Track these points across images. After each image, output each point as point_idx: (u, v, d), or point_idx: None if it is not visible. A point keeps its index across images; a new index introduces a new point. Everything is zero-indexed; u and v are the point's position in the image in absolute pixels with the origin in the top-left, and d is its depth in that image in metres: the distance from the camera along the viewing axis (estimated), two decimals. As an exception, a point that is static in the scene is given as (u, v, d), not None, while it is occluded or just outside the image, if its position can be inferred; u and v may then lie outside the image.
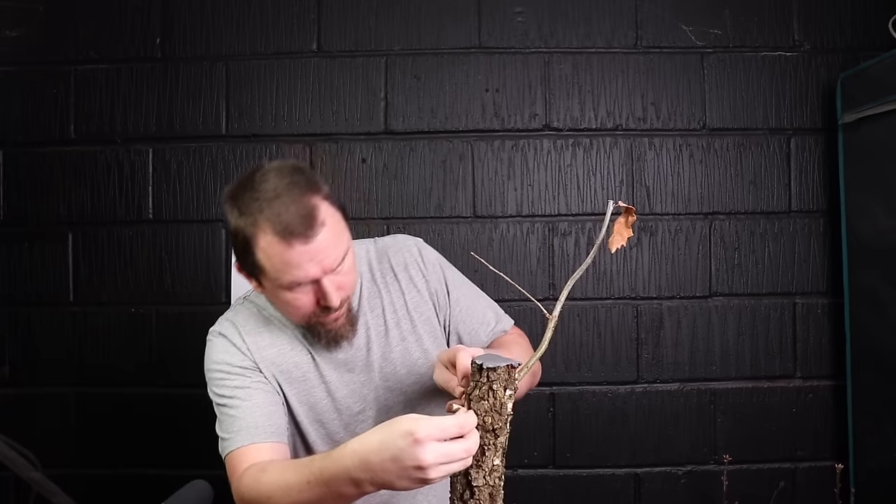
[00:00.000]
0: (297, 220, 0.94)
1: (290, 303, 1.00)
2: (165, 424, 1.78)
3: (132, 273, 1.79)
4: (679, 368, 1.79)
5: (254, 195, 0.97)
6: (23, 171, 1.81)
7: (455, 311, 1.19)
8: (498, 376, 0.71)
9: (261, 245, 0.96)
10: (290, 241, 0.94)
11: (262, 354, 1.09)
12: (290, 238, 0.94)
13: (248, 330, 1.10)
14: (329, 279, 0.98)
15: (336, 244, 0.99)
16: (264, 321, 1.12)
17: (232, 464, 1.01)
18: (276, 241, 0.94)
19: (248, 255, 0.99)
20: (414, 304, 1.17)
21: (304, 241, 0.94)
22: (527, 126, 1.81)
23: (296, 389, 1.10)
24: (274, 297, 1.03)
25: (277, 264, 0.96)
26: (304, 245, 0.94)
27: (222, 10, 1.81)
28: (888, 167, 1.55)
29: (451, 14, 1.81)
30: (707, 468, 1.78)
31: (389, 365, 1.13)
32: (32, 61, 1.81)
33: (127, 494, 1.77)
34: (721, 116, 1.81)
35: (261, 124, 1.80)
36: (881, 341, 1.58)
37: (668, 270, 1.80)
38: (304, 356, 1.11)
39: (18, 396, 1.79)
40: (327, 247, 0.97)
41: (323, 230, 0.96)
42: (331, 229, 0.98)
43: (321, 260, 0.96)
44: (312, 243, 0.95)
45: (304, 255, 0.95)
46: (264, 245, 0.96)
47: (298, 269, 0.96)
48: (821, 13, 1.82)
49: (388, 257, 1.19)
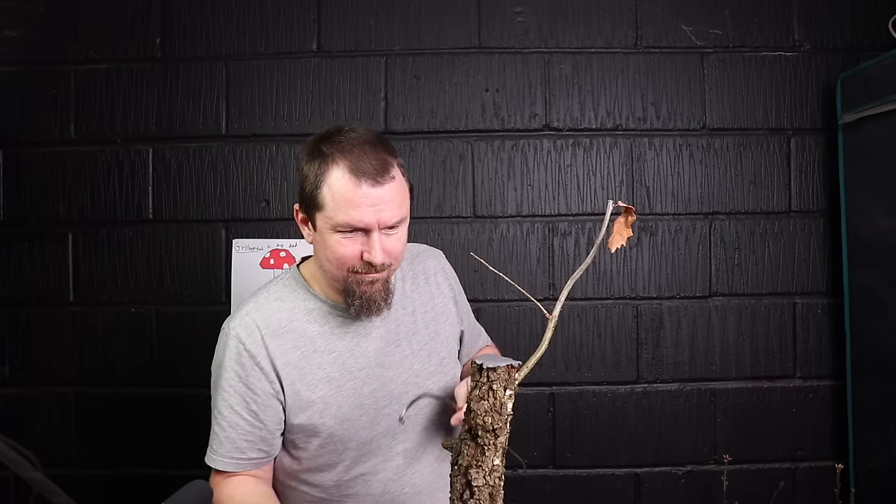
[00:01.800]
0: (371, 165, 0.99)
1: (336, 248, 1.02)
2: (165, 424, 1.78)
3: (132, 273, 1.79)
4: (679, 368, 1.79)
5: (337, 140, 1.03)
6: (23, 171, 1.81)
7: (465, 318, 1.28)
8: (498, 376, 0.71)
9: (331, 178, 1.00)
10: (359, 180, 0.98)
11: (283, 360, 1.07)
12: (360, 176, 0.98)
13: (271, 331, 1.08)
14: (379, 235, 1.01)
15: (399, 204, 1.03)
16: (290, 312, 1.10)
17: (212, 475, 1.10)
18: (346, 176, 0.99)
19: (315, 190, 1.01)
20: (442, 307, 1.22)
21: (371, 184, 0.99)
22: (527, 126, 1.81)
23: (320, 391, 1.08)
24: (322, 241, 1.04)
25: (340, 200, 0.99)
26: (371, 188, 0.99)
27: (222, 10, 1.81)
28: (888, 167, 1.55)
29: (451, 14, 1.81)
30: (707, 468, 1.78)
31: (419, 362, 1.15)
32: (32, 61, 1.81)
33: (127, 494, 1.77)
34: (721, 116, 1.81)
35: (261, 124, 1.80)
36: (881, 341, 1.58)
37: (668, 270, 1.80)
38: (328, 356, 1.09)
39: (18, 396, 1.79)
40: (391, 200, 1.01)
41: (391, 183, 1.01)
42: (398, 188, 1.03)
43: (380, 210, 1.00)
44: (378, 189, 0.99)
45: (367, 197, 0.99)
46: (334, 179, 1.00)
47: (357, 209, 0.99)
48: (821, 13, 1.82)
49: (420, 262, 1.24)
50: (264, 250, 1.77)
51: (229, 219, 1.80)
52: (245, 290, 1.77)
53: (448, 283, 1.25)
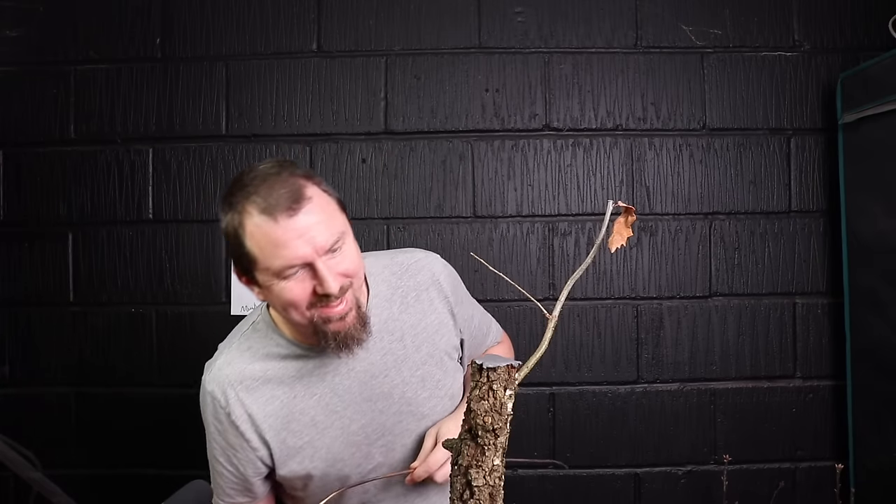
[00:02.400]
0: (281, 196, 0.91)
1: (286, 295, 0.93)
2: (165, 424, 1.78)
3: (132, 273, 1.79)
4: (679, 368, 1.79)
5: (240, 187, 0.94)
6: (23, 171, 1.81)
7: (465, 327, 1.18)
8: (498, 376, 0.71)
9: (248, 231, 0.92)
10: (275, 217, 0.90)
11: (263, 412, 1.03)
12: (274, 213, 0.90)
13: (245, 386, 1.03)
14: (324, 261, 0.92)
15: (328, 223, 0.94)
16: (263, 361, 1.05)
17: None
18: (261, 220, 0.90)
19: (240, 248, 0.94)
20: (436, 325, 1.12)
21: (289, 215, 0.90)
22: (527, 126, 1.81)
23: (306, 437, 1.04)
24: (272, 295, 0.96)
25: (266, 247, 0.91)
26: (290, 219, 0.90)
27: (222, 10, 1.81)
28: (888, 167, 1.55)
29: (451, 14, 1.81)
30: (707, 468, 1.78)
31: (411, 389, 1.09)
32: (32, 61, 1.81)
33: (127, 494, 1.77)
34: (721, 116, 1.81)
35: (261, 124, 1.80)
36: (881, 341, 1.58)
37: (668, 270, 1.80)
38: (309, 400, 1.04)
39: (18, 396, 1.79)
40: (316, 223, 0.92)
41: (310, 205, 0.92)
42: (319, 206, 0.94)
43: (311, 237, 0.91)
44: (299, 217, 0.91)
45: (290, 231, 0.90)
46: (251, 229, 0.92)
47: (287, 247, 0.90)
48: (821, 13, 1.82)
49: (410, 276, 1.13)
50: (264, 250, 1.77)
51: (229, 219, 1.80)
52: (245, 290, 1.76)
53: (442, 295, 1.13)
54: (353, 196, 1.79)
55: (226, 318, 1.77)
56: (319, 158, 1.80)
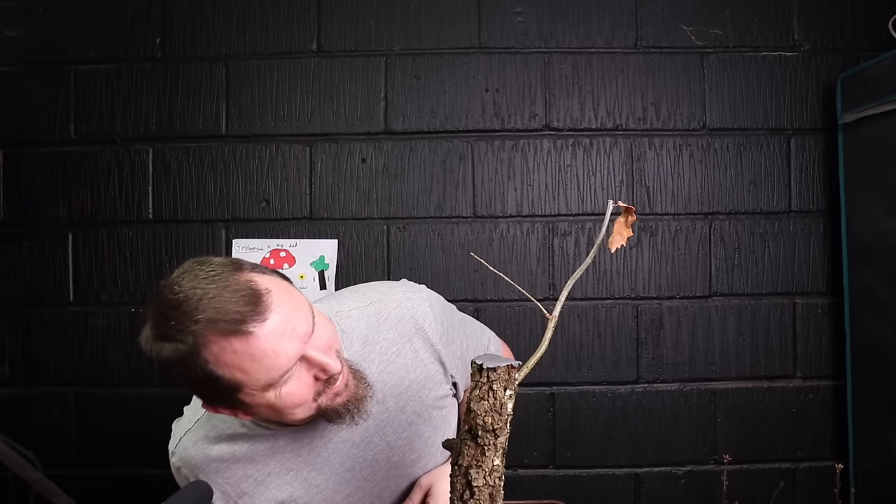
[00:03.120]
0: (239, 305, 0.77)
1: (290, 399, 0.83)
2: (165, 424, 1.77)
3: (132, 273, 1.79)
4: (679, 368, 1.79)
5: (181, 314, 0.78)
6: (23, 171, 1.81)
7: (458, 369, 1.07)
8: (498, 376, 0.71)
9: (217, 359, 0.78)
10: (247, 331, 0.77)
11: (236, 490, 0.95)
12: (243, 328, 0.77)
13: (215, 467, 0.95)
14: (313, 347, 0.83)
15: (297, 306, 0.83)
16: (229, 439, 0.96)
17: None
18: (231, 342, 0.77)
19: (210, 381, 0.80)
20: (422, 380, 1.00)
21: (261, 321, 0.78)
22: (527, 126, 1.81)
23: None
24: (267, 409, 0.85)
25: (250, 366, 0.79)
26: (264, 324, 0.78)
27: (222, 10, 1.81)
28: (888, 167, 1.55)
29: (451, 14, 1.81)
30: (707, 468, 1.78)
31: (398, 453, 1.00)
32: (32, 61, 1.81)
33: (127, 494, 1.77)
34: (721, 116, 1.81)
35: (261, 124, 1.80)
36: (881, 341, 1.58)
37: (668, 270, 1.80)
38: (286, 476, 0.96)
39: (18, 396, 1.79)
40: (289, 313, 0.81)
41: (271, 297, 0.80)
42: (280, 294, 0.82)
43: (293, 330, 0.81)
44: (271, 318, 0.79)
45: (272, 336, 0.79)
46: (222, 356, 0.78)
47: (275, 355, 0.79)
48: (821, 13, 1.82)
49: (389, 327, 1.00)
50: (264, 250, 1.78)
51: (229, 219, 1.80)
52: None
53: (428, 344, 1.01)
54: (353, 196, 1.79)
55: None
56: (319, 158, 1.80)
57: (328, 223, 1.79)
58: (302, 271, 1.77)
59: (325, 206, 1.79)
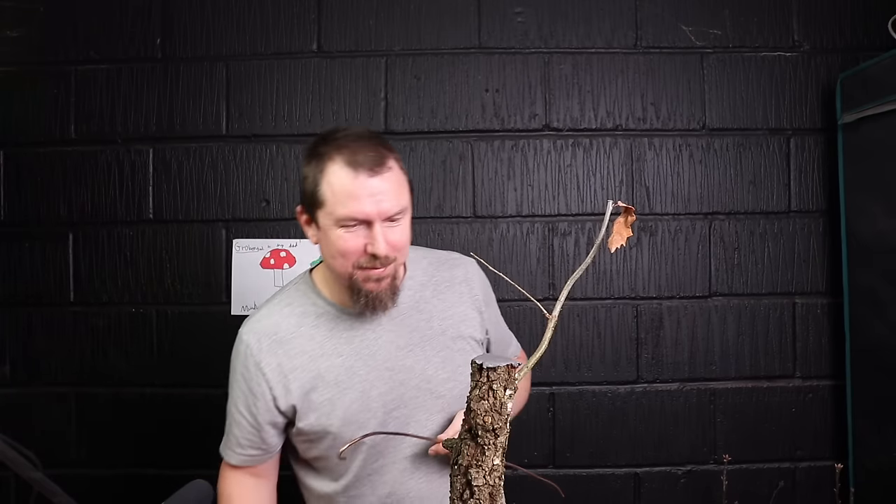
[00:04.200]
0: (367, 157, 1.01)
1: (339, 243, 1.03)
2: (165, 424, 1.78)
3: (132, 273, 1.79)
4: (679, 368, 1.79)
5: (333, 138, 1.05)
6: (23, 171, 1.81)
7: (492, 327, 1.26)
8: (498, 376, 0.71)
9: (329, 174, 1.02)
10: (356, 171, 1.00)
11: (290, 364, 1.10)
12: (357, 168, 1.00)
13: (279, 338, 1.11)
14: (381, 226, 1.02)
15: (397, 194, 1.03)
16: (299, 317, 1.13)
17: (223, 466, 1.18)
18: (344, 170, 1.01)
19: (314, 189, 1.03)
20: (462, 316, 1.19)
21: (368, 175, 1.00)
22: (527, 126, 1.81)
23: (328, 394, 1.10)
24: (326, 239, 1.05)
25: (339, 193, 1.00)
26: (368, 178, 1.00)
27: (222, 10, 1.81)
28: (888, 167, 1.55)
29: (451, 14, 1.81)
30: (707, 468, 1.78)
31: (431, 367, 1.14)
32: (32, 61, 1.81)
33: (127, 494, 1.77)
34: (721, 116, 1.81)
35: (261, 124, 1.81)
36: (881, 341, 1.58)
37: (667, 270, 1.80)
38: (336, 359, 1.11)
39: (18, 396, 1.79)
40: (388, 189, 1.02)
41: (389, 173, 1.02)
42: (396, 178, 1.04)
43: (380, 201, 1.01)
44: (376, 180, 1.01)
45: (365, 188, 1.00)
46: (332, 174, 1.01)
47: (357, 201, 1.00)
48: (821, 13, 1.82)
49: (446, 269, 1.23)
50: (264, 250, 1.78)
51: (229, 219, 1.80)
52: (245, 289, 1.77)
53: (472, 293, 1.22)
54: (353, 196, 1.79)
55: (226, 318, 1.77)
56: (319, 158, 1.80)
57: (328, 223, 1.79)
58: (302, 271, 1.77)
59: (325, 206, 1.79)
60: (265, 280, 1.77)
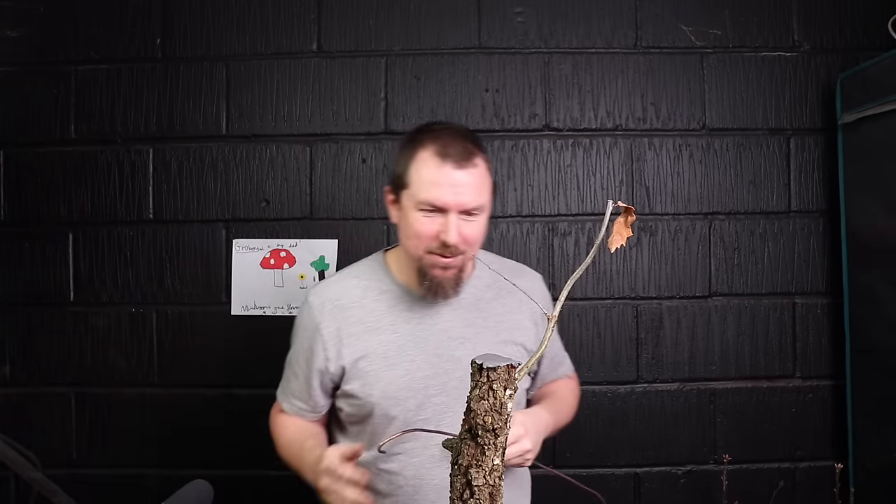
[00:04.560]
0: (456, 150, 1.09)
1: (416, 225, 1.10)
2: (165, 424, 1.78)
3: (132, 273, 1.79)
4: (679, 368, 1.79)
5: (429, 129, 1.15)
6: (23, 171, 1.81)
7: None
8: (498, 376, 0.71)
9: (418, 159, 1.10)
10: (443, 161, 1.08)
11: (347, 331, 1.18)
12: (445, 158, 1.08)
13: (341, 304, 1.19)
14: (457, 217, 1.08)
15: (478, 191, 1.11)
16: (364, 290, 1.21)
17: (275, 405, 1.31)
18: (433, 158, 1.09)
19: (403, 170, 1.12)
20: (517, 323, 1.25)
21: (454, 167, 1.08)
22: (527, 126, 1.81)
23: (375, 365, 1.16)
24: (405, 219, 1.14)
25: (424, 179, 1.09)
26: (453, 170, 1.08)
27: (222, 10, 1.81)
28: (888, 167, 1.55)
29: (451, 14, 1.81)
30: (707, 468, 1.78)
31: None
32: (32, 61, 1.81)
33: (127, 494, 1.77)
34: (721, 116, 1.81)
35: (261, 124, 1.81)
36: (880, 341, 1.58)
37: (667, 270, 1.80)
38: (390, 335, 1.18)
39: (18, 396, 1.79)
40: (470, 185, 1.09)
41: (474, 170, 1.10)
42: (480, 176, 1.11)
43: (460, 193, 1.08)
44: (460, 173, 1.08)
45: (448, 178, 1.07)
46: (420, 159, 1.10)
47: (438, 188, 1.07)
48: (821, 13, 1.82)
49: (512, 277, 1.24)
50: (264, 250, 1.78)
51: (229, 219, 1.80)
52: (245, 289, 1.77)
53: (532, 304, 1.26)
54: (353, 196, 1.79)
55: (226, 317, 1.77)
56: (319, 158, 1.80)
57: (328, 223, 1.79)
58: (302, 271, 1.77)
59: (325, 206, 1.80)
60: (265, 280, 1.77)
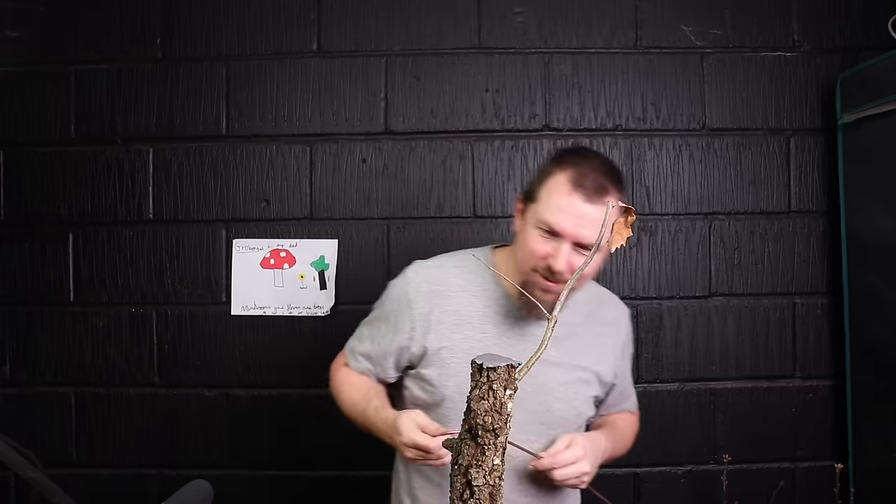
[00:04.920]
0: (591, 182, 1.08)
1: (530, 241, 1.11)
2: (165, 424, 1.78)
3: (132, 273, 1.79)
4: (679, 368, 1.79)
5: (576, 153, 1.17)
6: (23, 171, 1.81)
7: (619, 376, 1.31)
8: (498, 376, 0.71)
9: (551, 180, 1.11)
10: (573, 190, 1.07)
11: (437, 318, 1.18)
12: (575, 188, 1.07)
13: (440, 290, 1.20)
14: (569, 248, 1.08)
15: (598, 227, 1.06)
16: (465, 282, 1.21)
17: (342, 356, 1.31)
18: (564, 183, 1.09)
19: (538, 184, 1.14)
20: (600, 354, 1.25)
21: (582, 198, 1.07)
22: (527, 126, 1.81)
23: (456, 358, 1.16)
24: (523, 232, 1.15)
25: (551, 201, 1.09)
26: (580, 201, 1.07)
27: (222, 10, 1.81)
28: (888, 167, 1.55)
29: (451, 14, 1.81)
30: (707, 468, 1.78)
31: (552, 382, 1.18)
32: (32, 61, 1.81)
33: (127, 494, 1.77)
34: (721, 116, 1.81)
35: (261, 124, 1.81)
36: (880, 341, 1.58)
37: (667, 270, 1.80)
38: (478, 333, 1.17)
39: (18, 396, 1.79)
40: (591, 220, 1.07)
41: (601, 206, 1.07)
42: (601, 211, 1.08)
43: (580, 225, 1.06)
44: (587, 207, 1.07)
45: (574, 207, 1.07)
46: (554, 181, 1.11)
47: (560, 213, 1.07)
48: (821, 13, 1.82)
49: (605, 308, 1.30)
50: (264, 250, 1.78)
51: (229, 219, 1.80)
52: (245, 289, 1.77)
53: (617, 336, 1.29)
54: (353, 196, 1.80)
55: (226, 317, 1.77)
56: (319, 158, 1.80)
57: (328, 223, 1.79)
58: (302, 271, 1.77)
59: (325, 206, 1.80)
60: (265, 280, 1.77)
